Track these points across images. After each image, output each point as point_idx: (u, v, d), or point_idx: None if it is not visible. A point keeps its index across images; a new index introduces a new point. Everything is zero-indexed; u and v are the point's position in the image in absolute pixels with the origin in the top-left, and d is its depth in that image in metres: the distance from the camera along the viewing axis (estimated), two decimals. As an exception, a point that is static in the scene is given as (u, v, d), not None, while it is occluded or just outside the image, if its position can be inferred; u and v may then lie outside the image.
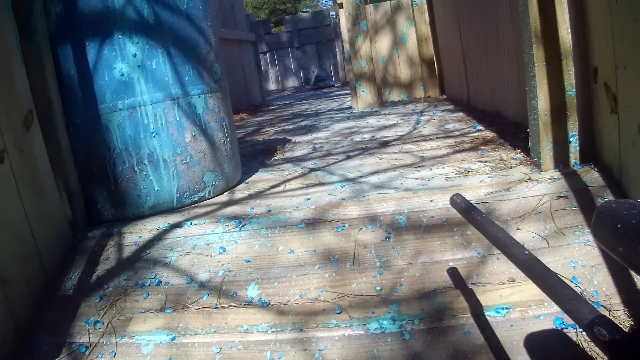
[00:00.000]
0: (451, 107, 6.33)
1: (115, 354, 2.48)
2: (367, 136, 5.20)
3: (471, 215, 1.81)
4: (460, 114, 5.60)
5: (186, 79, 3.38)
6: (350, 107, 7.76)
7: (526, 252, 1.52)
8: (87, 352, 2.52)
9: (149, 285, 2.77)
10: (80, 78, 3.22)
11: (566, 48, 2.76)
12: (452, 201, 1.95)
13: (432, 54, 7.79)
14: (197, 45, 3.47)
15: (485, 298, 2.25)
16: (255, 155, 5.12)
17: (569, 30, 2.75)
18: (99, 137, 3.26)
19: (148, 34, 3.24)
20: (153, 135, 3.28)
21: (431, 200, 2.82)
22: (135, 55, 3.20)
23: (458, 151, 3.89)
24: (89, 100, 3.23)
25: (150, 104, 3.26)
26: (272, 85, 19.15)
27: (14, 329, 2.61)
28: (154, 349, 2.45)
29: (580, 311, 1.24)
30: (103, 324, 2.62)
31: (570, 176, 2.79)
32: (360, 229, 2.75)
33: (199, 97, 3.45)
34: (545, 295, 1.86)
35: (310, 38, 19.04)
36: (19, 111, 2.86)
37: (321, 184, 3.60)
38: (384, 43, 7.95)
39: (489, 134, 4.21)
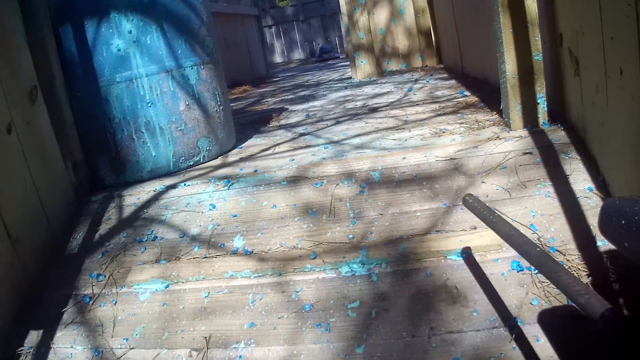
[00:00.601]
0: (445, 75, 6.39)
1: (116, 302, 2.69)
2: (359, 103, 5.33)
3: (484, 216, 1.96)
4: (453, 81, 5.70)
5: (179, 52, 3.57)
6: (350, 78, 7.84)
7: (538, 248, 1.65)
8: (90, 302, 2.73)
9: (146, 240, 2.97)
10: (81, 55, 3.42)
11: (532, 16, 2.89)
12: (465, 201, 2.09)
13: (429, 25, 7.84)
14: (189, 21, 3.66)
15: (448, 243, 2.41)
16: (252, 123, 5.26)
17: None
18: (100, 108, 3.47)
19: (142, 12, 3.43)
20: (149, 105, 3.49)
21: (404, 158, 2.99)
22: (130, 32, 3.40)
23: (439, 114, 4.03)
24: (89, 74, 3.43)
25: (146, 76, 3.46)
26: (278, 58, 19.10)
27: (26, 283, 2.83)
28: (150, 296, 2.66)
29: (592, 304, 1.38)
30: (105, 276, 2.83)
31: (537, 134, 2.93)
32: (337, 184, 2.93)
33: (192, 68, 3.65)
34: (503, 240, 2.08)
35: (315, 11, 18.92)
36: (24, 87, 3.07)
37: (307, 146, 3.77)
38: (382, 15, 8.02)
39: (473, 99, 4.34)
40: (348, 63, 9.23)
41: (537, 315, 2.06)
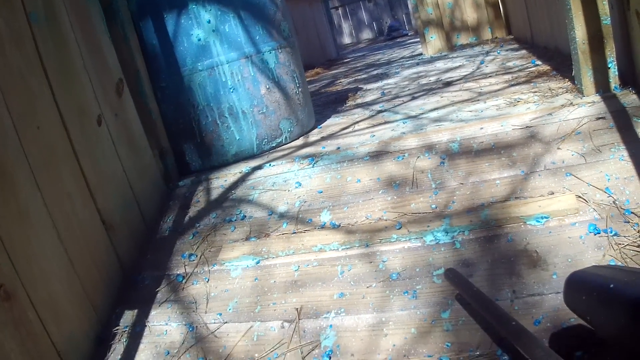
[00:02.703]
0: (516, 46, 6.34)
1: (209, 280, 2.81)
2: (433, 79, 5.35)
3: (464, 288, 2.09)
4: (523, 51, 5.67)
5: (257, 38, 3.69)
6: (421, 54, 7.82)
7: (514, 322, 1.76)
8: (183, 281, 2.86)
9: (235, 220, 3.09)
10: (162, 47, 3.58)
11: None
12: (446, 275, 2.23)
13: None
14: (264, 8, 3.77)
15: (527, 209, 2.44)
16: (328, 104, 5.34)
17: (600, -38, 2.85)
18: (183, 97, 3.61)
19: (219, 1, 3.56)
20: (231, 90, 3.61)
21: (481, 128, 3.04)
22: (209, 22, 3.53)
23: (513, 85, 4.05)
24: (172, 65, 3.58)
25: (227, 63, 3.59)
26: (346, 39, 19.07)
27: (119, 267, 2.98)
28: (242, 272, 2.78)
29: None
30: (196, 256, 2.96)
31: (609, 99, 2.93)
32: (418, 157, 2.99)
33: (270, 53, 3.75)
34: (580, 204, 2.12)
35: (381, -10, 18.96)
36: (111, 81, 3.22)
37: (386, 122, 3.84)
38: None
39: (545, 68, 4.33)
40: (417, 40, 9.20)
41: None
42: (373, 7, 18.67)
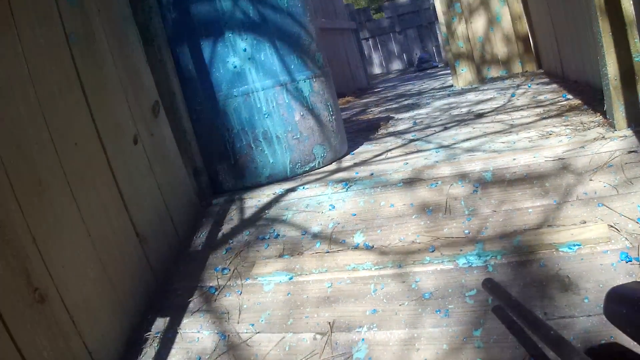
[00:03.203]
0: (546, 80, 6.34)
1: (241, 292, 2.87)
2: (464, 110, 5.39)
3: (504, 297, 2.11)
4: (554, 85, 5.67)
5: (292, 67, 3.78)
6: (452, 85, 7.87)
7: (552, 331, 1.76)
8: (216, 293, 2.92)
9: (269, 238, 3.14)
10: (199, 72, 3.69)
11: (630, 19, 2.88)
12: (484, 284, 2.25)
13: (527, 31, 7.79)
14: (299, 38, 3.86)
15: (559, 236, 2.46)
16: (360, 132, 5.39)
17: (631, 2, 2.87)
18: (219, 120, 3.70)
19: (255, 31, 3.66)
20: (266, 116, 3.69)
21: (514, 159, 3.07)
22: (245, 50, 3.63)
23: (544, 118, 4.06)
24: (207, 89, 3.68)
25: (262, 90, 3.68)
26: (376, 69, 19.14)
27: (152, 277, 3.07)
28: (275, 287, 2.82)
29: None
30: (229, 270, 3.02)
31: None
32: (452, 184, 3.03)
33: (305, 82, 3.84)
34: (612, 233, 2.14)
35: (410, 22, 18.89)
36: (147, 101, 3.33)
37: (419, 151, 3.88)
38: (479, 23, 8.02)
39: (576, 102, 4.34)
40: (447, 71, 9.23)
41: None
42: (403, 39, 18.77)
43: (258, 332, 2.62)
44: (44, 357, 2.24)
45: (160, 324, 2.87)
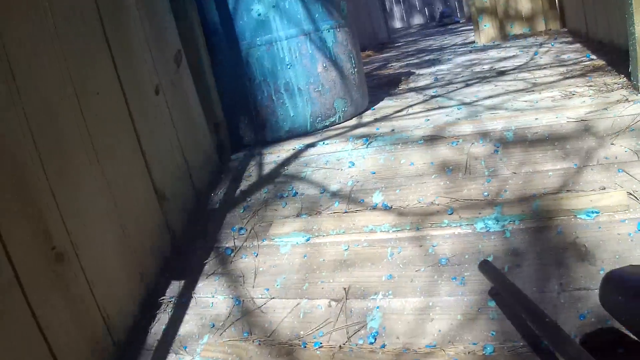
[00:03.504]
0: (570, 39, 6.25)
1: (257, 254, 2.84)
2: (486, 67, 5.32)
3: (499, 280, 2.09)
4: (578, 45, 5.59)
5: (316, 15, 3.70)
6: (473, 42, 7.76)
7: (547, 319, 1.75)
8: (232, 254, 2.90)
9: (287, 196, 3.11)
10: (222, 21, 3.62)
11: None
12: (480, 267, 2.23)
13: None
14: (324, -16, 3.78)
15: (578, 202, 2.44)
16: (381, 86, 5.34)
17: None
18: (240, 70, 3.65)
19: (280, -23, 3.58)
20: (288, 67, 3.63)
21: (536, 119, 3.03)
22: (270, -4, 3.56)
23: (567, 77, 4.01)
24: (231, 39, 3.62)
25: (285, 39, 3.61)
26: (397, 24, 19.02)
27: (169, 237, 3.02)
28: (291, 249, 2.80)
29: None
30: (246, 230, 2.99)
31: None
32: (473, 143, 2.99)
33: (329, 31, 3.77)
34: (631, 201, 2.11)
35: (434, -25, 18.85)
36: (170, 51, 3.27)
37: (440, 107, 3.84)
38: None
39: (600, 62, 4.29)
40: (469, 27, 9.14)
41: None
42: (425, -8, 18.59)
43: (273, 298, 2.61)
44: (59, 320, 2.21)
45: (175, 287, 2.85)
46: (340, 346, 2.28)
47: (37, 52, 2.30)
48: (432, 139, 3.15)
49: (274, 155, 3.51)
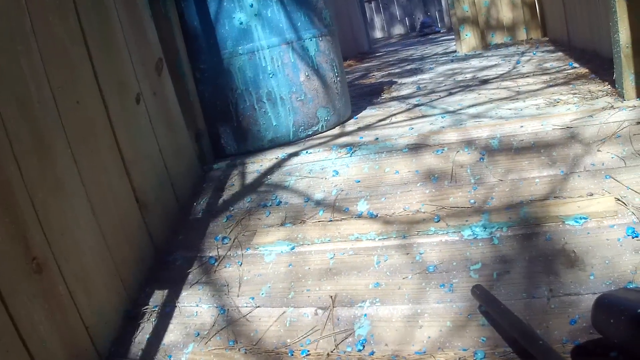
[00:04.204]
0: (552, 47, 6.27)
1: (242, 264, 2.82)
2: (469, 76, 5.33)
3: (491, 304, 2.08)
4: (560, 53, 5.62)
5: (299, 24, 3.69)
6: (455, 51, 7.78)
7: (541, 341, 1.76)
8: (216, 264, 2.87)
9: (270, 205, 3.09)
10: (204, 28, 3.59)
11: None
12: (473, 292, 2.21)
13: None
14: (306, -6, 3.77)
15: (566, 209, 2.44)
16: (363, 95, 5.34)
17: (648, -36, 2.81)
18: (222, 79, 3.61)
19: (261, -15, 3.55)
20: (270, 76, 3.61)
21: (521, 126, 3.02)
22: (252, 5, 3.53)
23: (551, 85, 4.01)
24: (212, 47, 3.59)
25: (267, 48, 3.59)
26: (378, 34, 19.03)
27: (151, 246, 3.00)
28: (276, 258, 2.78)
29: None
30: (230, 239, 2.96)
31: None
32: (458, 151, 2.98)
33: (311, 40, 3.75)
34: (619, 206, 2.10)
35: (414, -15, 18.90)
36: (151, 59, 3.24)
37: (424, 116, 3.82)
38: None
39: (583, 70, 4.30)
40: (450, 37, 9.17)
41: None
42: (406, 2, 18.61)
43: (258, 307, 2.59)
44: (40, 331, 2.18)
45: (158, 296, 2.83)
46: (328, 354, 2.26)
47: (13, 51, 2.29)
48: (416, 148, 3.13)
49: (256, 165, 3.48)
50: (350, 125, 4.02)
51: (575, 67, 4.58)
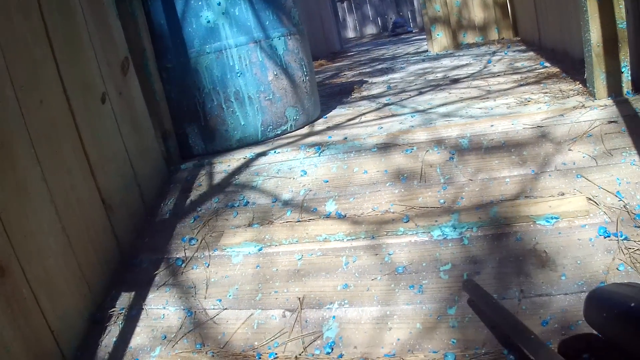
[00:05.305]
0: (523, 47, 6.30)
1: (209, 265, 2.80)
2: (439, 75, 5.32)
3: (485, 299, 2.06)
4: (531, 53, 5.63)
5: (267, 23, 3.65)
6: (426, 51, 7.77)
7: (532, 336, 1.75)
8: (183, 265, 2.84)
9: (238, 206, 3.06)
10: (170, 27, 3.54)
11: None
12: (464, 286, 2.20)
13: None
14: (275, -9, 3.73)
15: (537, 209, 2.42)
16: (333, 95, 5.32)
17: (618, -34, 2.82)
18: (189, 79, 3.57)
19: (230, -17, 3.51)
20: (238, 75, 3.57)
21: (492, 125, 3.00)
22: (219, 4, 3.49)
23: (522, 85, 4.01)
24: (179, 46, 3.54)
25: (235, 47, 3.55)
26: (350, 33, 19.06)
27: (117, 248, 2.97)
28: (243, 259, 2.75)
29: None
30: (197, 240, 2.93)
31: (621, 103, 2.89)
32: (427, 151, 2.96)
33: (279, 39, 3.72)
34: (591, 206, 2.08)
35: (387, -15, 18.93)
36: (116, 58, 3.19)
37: (393, 115, 3.80)
38: None
39: (554, 70, 4.30)
40: (422, 37, 9.18)
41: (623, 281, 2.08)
42: (378, 2, 18.65)
43: (225, 309, 2.57)
44: (3, 337, 2.15)
45: (125, 299, 2.80)
46: (296, 357, 2.24)
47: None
48: (385, 147, 3.11)
49: (224, 165, 3.44)
50: (320, 125, 3.99)
51: (546, 67, 4.59)
